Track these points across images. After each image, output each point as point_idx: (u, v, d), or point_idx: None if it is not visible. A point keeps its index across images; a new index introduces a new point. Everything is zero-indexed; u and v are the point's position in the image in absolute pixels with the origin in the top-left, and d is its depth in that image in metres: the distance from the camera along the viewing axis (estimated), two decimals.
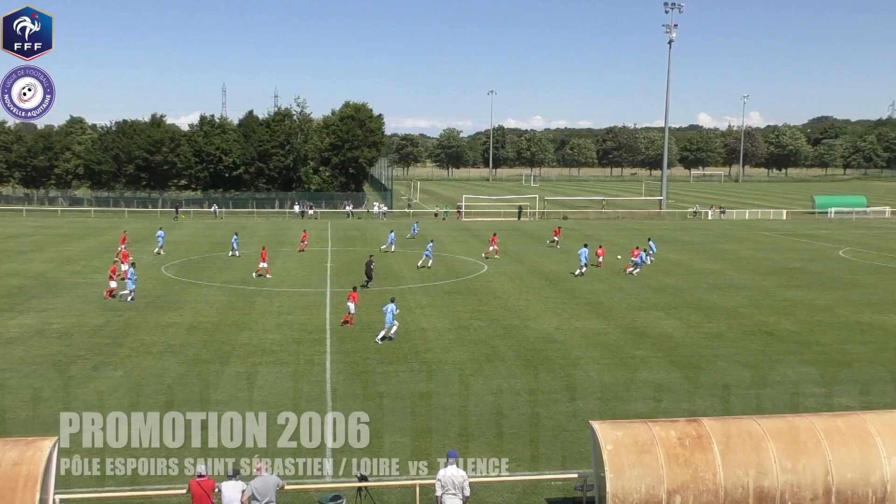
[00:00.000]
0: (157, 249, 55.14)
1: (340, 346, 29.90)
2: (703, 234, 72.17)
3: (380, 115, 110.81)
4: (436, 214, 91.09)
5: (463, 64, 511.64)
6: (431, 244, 52.77)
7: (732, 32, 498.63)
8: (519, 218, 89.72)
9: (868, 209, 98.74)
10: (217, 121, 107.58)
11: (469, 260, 53.13)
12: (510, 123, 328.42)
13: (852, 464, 15.21)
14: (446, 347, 29.85)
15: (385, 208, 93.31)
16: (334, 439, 20.43)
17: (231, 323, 33.54)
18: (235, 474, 14.89)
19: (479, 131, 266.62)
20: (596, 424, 15.96)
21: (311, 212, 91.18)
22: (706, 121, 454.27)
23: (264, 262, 45.64)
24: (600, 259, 50.75)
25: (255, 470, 15.00)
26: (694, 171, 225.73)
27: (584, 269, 47.40)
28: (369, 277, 43.06)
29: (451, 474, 15.21)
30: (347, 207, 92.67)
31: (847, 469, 15.16)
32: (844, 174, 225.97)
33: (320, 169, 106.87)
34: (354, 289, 35.22)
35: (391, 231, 61.48)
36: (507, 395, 24.19)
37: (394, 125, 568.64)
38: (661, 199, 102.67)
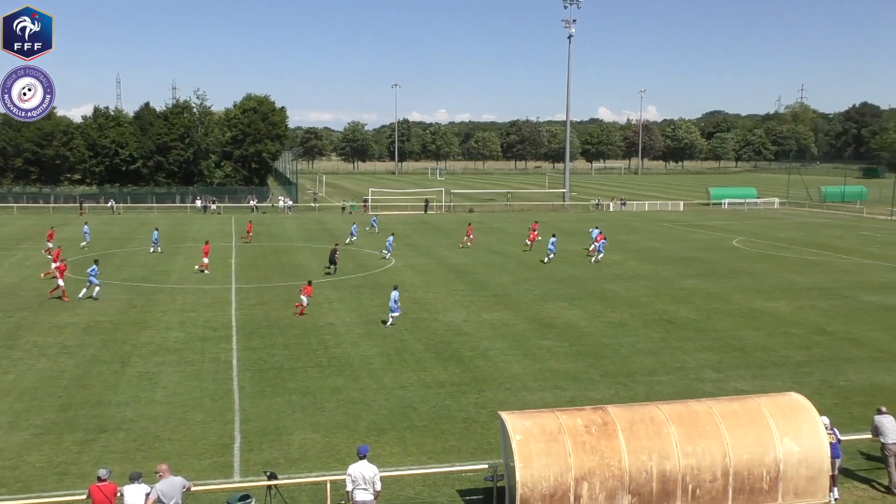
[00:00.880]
0: (83, 244, 55.03)
1: (247, 343, 29.39)
2: (605, 225, 73.80)
3: (283, 107, 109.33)
4: (343, 209, 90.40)
5: (366, 56, 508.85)
6: (391, 238, 53.31)
7: (629, 28, 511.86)
8: (426, 211, 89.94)
9: (758, 200, 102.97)
10: (112, 113, 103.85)
11: (377, 254, 52.95)
12: (415, 117, 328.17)
13: (748, 445, 15.87)
14: (355, 342, 29.71)
15: (290, 202, 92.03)
16: (242, 438, 20.16)
17: (131, 322, 32.52)
18: (138, 477, 14.44)
19: (384, 124, 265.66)
20: (505, 415, 16.17)
21: (213, 207, 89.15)
22: (606, 115, 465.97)
23: (206, 256, 45.42)
24: (530, 242, 55.35)
25: (159, 472, 14.57)
26: (595, 164, 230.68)
27: (551, 256, 50.60)
28: (333, 264, 45.12)
29: (362, 469, 15.16)
30: (252, 202, 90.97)
31: (743, 451, 15.81)
32: (736, 167, 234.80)
33: (222, 163, 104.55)
34: (309, 283, 35.34)
35: (353, 224, 63.22)
36: (416, 388, 24.26)
37: (297, 118, 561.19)
38: (564, 192, 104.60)
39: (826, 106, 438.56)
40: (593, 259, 50.91)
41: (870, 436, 18.06)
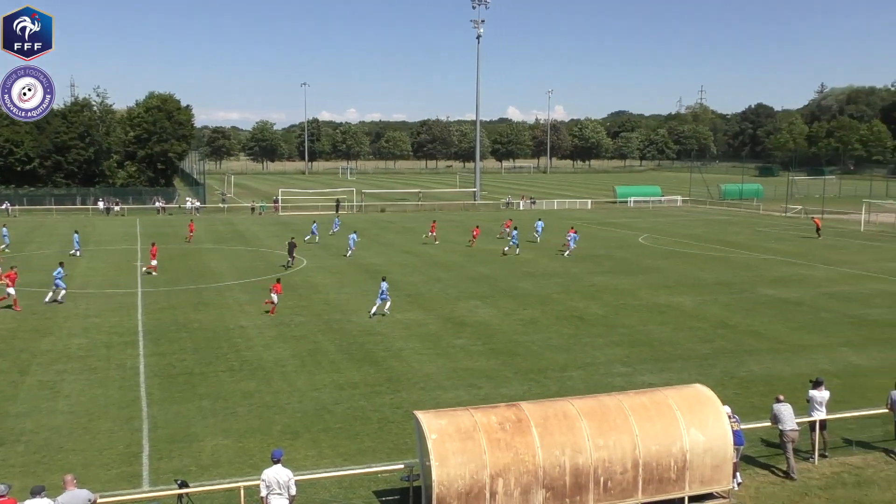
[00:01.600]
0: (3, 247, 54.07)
1: (155, 348, 28.61)
2: (516, 223, 74.75)
3: (188, 106, 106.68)
4: (252, 209, 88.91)
5: (274, 54, 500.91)
6: (355, 234, 54.32)
7: (537, 29, 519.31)
8: (337, 211, 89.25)
9: (662, 198, 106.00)
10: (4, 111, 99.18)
11: (282, 255, 52.22)
12: (325, 116, 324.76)
13: (656, 437, 16.33)
14: (267, 344, 29.29)
15: (198, 203, 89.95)
16: (151, 446, 19.63)
17: (31, 329, 31.25)
18: (41, 491, 13.88)
19: (294, 124, 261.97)
20: (420, 414, 16.20)
21: (117, 208, 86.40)
22: (515, 114, 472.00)
23: (154, 258, 45.07)
24: (474, 239, 58.05)
25: (63, 484, 14.05)
26: (505, 163, 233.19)
27: (517, 248, 53.78)
28: (291, 257, 47.90)
29: (276, 473, 14.98)
30: (158, 203, 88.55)
31: (652, 442, 16.26)
32: (641, 165, 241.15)
33: (126, 163, 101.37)
34: (278, 280, 36.15)
35: (314, 222, 63.45)
36: (330, 390, 24.09)
37: (203, 117, 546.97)
38: (475, 191, 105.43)
39: (724, 107, 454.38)
40: (566, 253, 52.93)
41: (769, 423, 18.84)
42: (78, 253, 51.37)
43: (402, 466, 17.22)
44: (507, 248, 54.43)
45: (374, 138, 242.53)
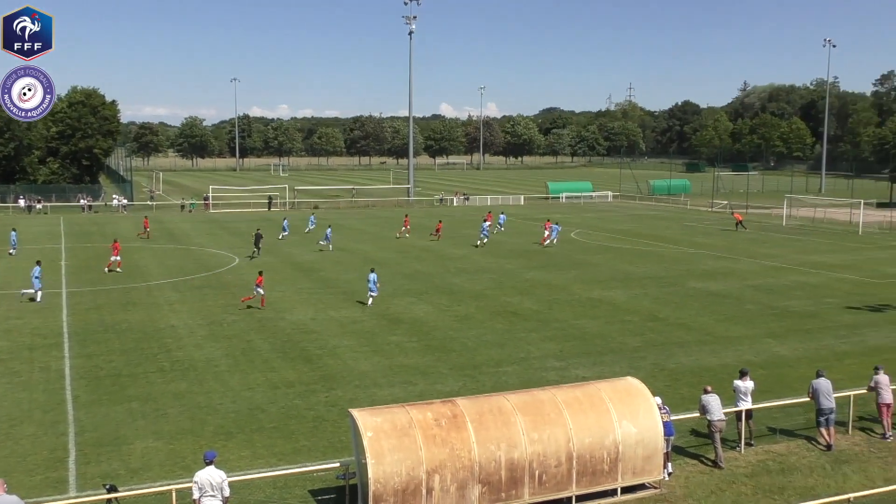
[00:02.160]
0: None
1: (81, 349, 27.85)
2: (450, 220, 75.01)
3: (114, 101, 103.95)
4: (182, 207, 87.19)
5: (203, 49, 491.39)
6: (329, 229, 55.45)
7: (469, 25, 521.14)
8: (269, 208, 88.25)
9: (593, 194, 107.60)
10: None
11: (220, 253, 51.49)
12: (256, 112, 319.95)
13: (590, 430, 16.59)
14: (199, 344, 28.79)
15: (125, 201, 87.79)
16: (77, 450, 19.12)
17: None
18: None
19: (224, 120, 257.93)
20: (355, 412, 16.14)
21: (39, 206, 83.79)
22: (448, 111, 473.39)
23: (116, 255, 44.42)
24: (437, 233, 59.67)
25: None
26: (438, 160, 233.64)
27: (484, 241, 56.27)
28: (257, 248, 49.75)
29: (209, 475, 14.74)
30: (83, 201, 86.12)
31: (585, 435, 16.51)
32: (572, 161, 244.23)
33: (48, 160, 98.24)
34: (260, 273, 36.26)
35: (284, 219, 64.13)
36: (264, 390, 23.82)
37: (129, 113, 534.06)
38: (408, 187, 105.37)
39: (652, 104, 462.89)
40: (546, 243, 56.01)
41: (698, 414, 19.31)
42: (13, 251, 49.81)
43: (337, 465, 17.12)
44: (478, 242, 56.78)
45: (307, 135, 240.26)
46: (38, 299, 35.67)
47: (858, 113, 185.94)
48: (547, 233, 57.64)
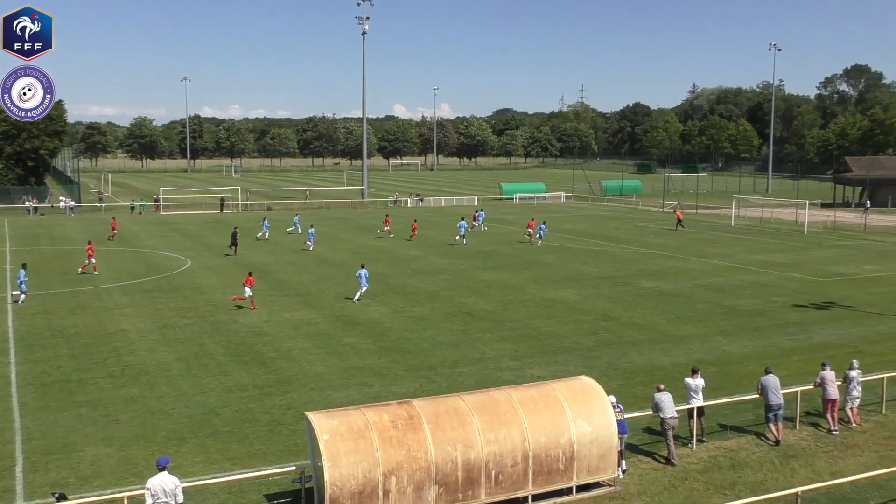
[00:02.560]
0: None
1: (28, 355, 27.24)
2: (404, 221, 74.94)
3: (60, 100, 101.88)
4: (132, 209, 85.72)
5: (152, 48, 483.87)
6: (312, 229, 55.99)
7: (422, 26, 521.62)
8: (221, 210, 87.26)
9: (547, 195, 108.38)
10: None
11: (171, 255, 50.75)
12: (207, 112, 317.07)
13: (545, 429, 16.72)
14: (150, 348, 28.35)
15: (73, 203, 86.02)
16: (25, 458, 18.70)
17: None
18: None
19: (174, 120, 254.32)
20: (311, 415, 16.05)
21: None
22: (401, 112, 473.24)
23: (92, 257, 43.74)
24: (413, 232, 61.36)
25: None
26: (392, 161, 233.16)
27: (463, 238, 58.02)
28: (234, 244, 51.36)
29: (162, 481, 14.55)
30: (28, 203, 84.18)
31: (541, 434, 16.63)
32: (525, 162, 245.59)
33: None
34: (250, 274, 36.34)
35: (265, 219, 64.04)
36: (218, 394, 23.55)
37: (76, 113, 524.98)
38: (362, 189, 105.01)
39: (604, 105, 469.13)
40: (539, 242, 57.53)
41: (651, 412, 19.59)
42: None
43: (293, 468, 17.00)
44: (457, 238, 58.64)
45: (259, 135, 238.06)
46: (21, 302, 35.39)
47: (803, 115, 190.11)
48: (532, 231, 59.96)
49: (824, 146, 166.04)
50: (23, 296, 35.55)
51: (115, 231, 60.75)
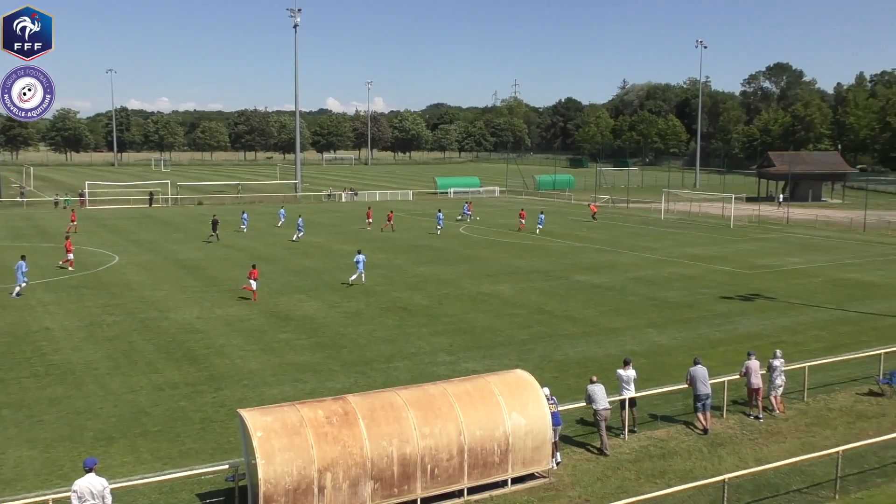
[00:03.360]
0: None
1: None
2: (338, 216, 74.55)
3: None
4: (56, 203, 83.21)
5: (75, 37, 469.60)
6: (301, 220, 57.84)
7: (354, 19, 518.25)
8: (150, 205, 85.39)
9: (481, 189, 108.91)
10: None
11: (98, 251, 49.44)
12: (134, 105, 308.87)
13: (480, 422, 16.82)
14: (76, 347, 27.60)
15: None
16: None
17: None
18: None
19: (100, 112, 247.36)
20: (244, 412, 15.85)
21: None
22: (335, 105, 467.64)
23: (70, 252, 43.47)
24: (390, 223, 62.26)
25: None
26: (326, 155, 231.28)
27: (439, 230, 60.59)
28: (215, 233, 54.78)
29: (90, 483, 14.18)
30: None
31: (476, 428, 16.73)
32: (460, 157, 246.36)
33: None
34: (254, 266, 36.86)
35: (243, 212, 64.92)
36: (148, 392, 23.07)
37: None
38: (296, 183, 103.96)
39: (537, 100, 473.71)
40: (537, 230, 60.69)
41: (584, 404, 19.88)
42: None
43: (226, 467, 16.76)
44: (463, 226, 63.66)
45: (189, 129, 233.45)
46: (14, 294, 35.63)
47: (728, 111, 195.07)
48: (523, 222, 63.65)
49: (749, 142, 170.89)
50: (17, 287, 35.80)
51: (74, 223, 59.90)
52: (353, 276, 39.39)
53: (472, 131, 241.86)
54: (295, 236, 56.42)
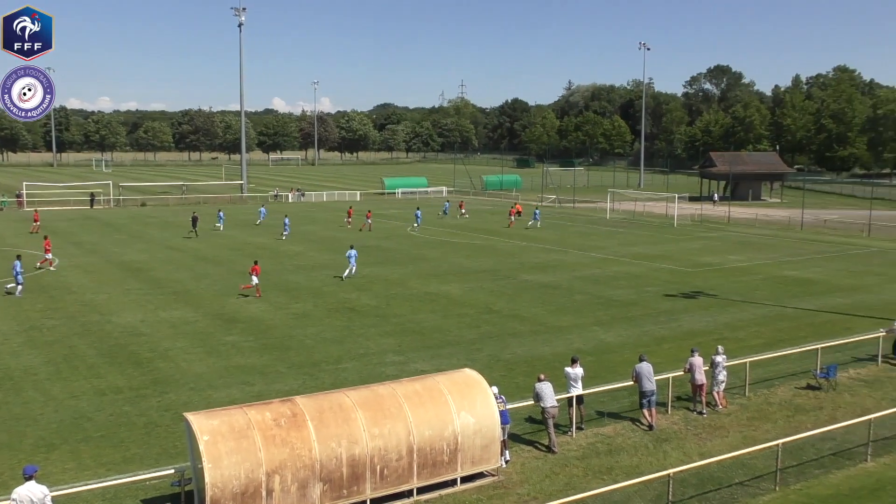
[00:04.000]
0: None
1: None
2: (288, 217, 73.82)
3: None
4: None
5: None
6: (287, 218, 60.06)
7: (300, 19, 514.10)
8: (92, 206, 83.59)
9: (429, 189, 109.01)
10: None
11: (38, 254, 48.20)
12: (74, 104, 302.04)
13: (430, 422, 16.87)
14: (15, 352, 26.90)
15: None
16: None
17: None
18: None
19: None
20: (190, 416, 15.65)
21: None
22: (280, 105, 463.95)
23: (49, 252, 43.86)
24: (368, 221, 63.56)
25: None
26: (272, 155, 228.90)
27: (416, 226, 63.77)
28: (194, 227, 58.30)
29: (30, 491, 13.87)
30: None
31: (425, 427, 16.77)
32: (407, 157, 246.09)
33: None
34: (255, 263, 38.02)
35: (220, 211, 66.58)
36: (90, 397, 22.61)
37: None
38: (242, 184, 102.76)
39: (483, 101, 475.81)
40: (537, 224, 65.00)
41: (532, 402, 20.05)
42: None
43: (172, 471, 16.52)
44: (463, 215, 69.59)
45: (131, 129, 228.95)
46: (17, 293, 35.87)
47: (671, 112, 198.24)
48: (513, 218, 67.63)
49: (691, 142, 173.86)
50: (19, 287, 36.06)
51: (37, 223, 59.90)
52: (346, 272, 40.88)
53: (419, 132, 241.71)
54: (283, 234, 58.13)
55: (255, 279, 36.56)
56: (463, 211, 77.15)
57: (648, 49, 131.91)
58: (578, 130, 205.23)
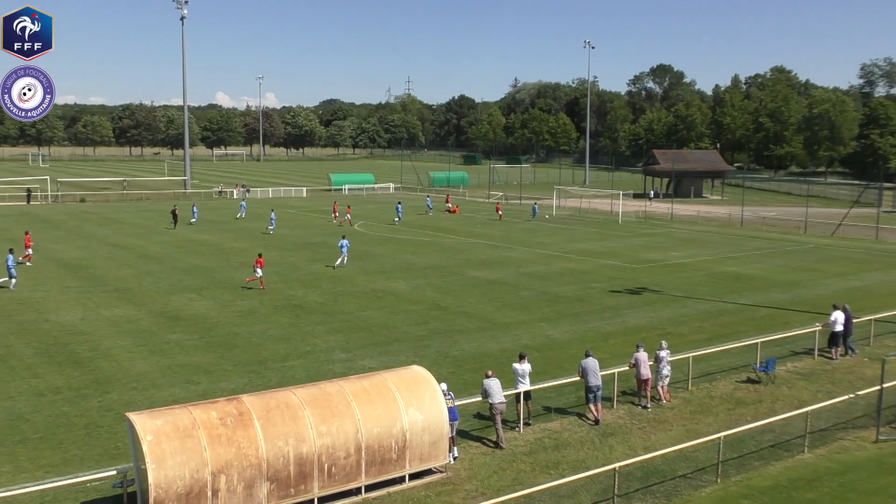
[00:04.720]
0: None
1: None
2: (230, 212, 72.92)
3: None
4: None
5: None
6: (273, 213, 61.12)
7: (244, 12, 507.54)
8: (28, 202, 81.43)
9: (376, 185, 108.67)
10: None
11: None
12: None
13: (378, 419, 16.81)
14: None
15: None
16: None
17: None
18: None
19: None
20: (133, 416, 15.34)
21: None
22: (224, 100, 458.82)
23: (29, 248, 43.65)
24: (347, 216, 65.65)
25: None
26: (217, 151, 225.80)
27: (397, 220, 65.14)
28: (175, 221, 59.88)
29: None
30: None
31: (374, 425, 16.70)
32: (354, 153, 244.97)
33: None
34: (260, 255, 38.88)
35: (193, 205, 66.93)
36: (27, 397, 22.03)
37: None
38: (185, 179, 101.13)
39: (430, 97, 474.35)
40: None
41: (480, 398, 20.13)
42: None
43: (114, 473, 16.18)
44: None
45: (70, 123, 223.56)
46: (13, 287, 35.99)
47: (615, 110, 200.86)
48: (501, 213, 72.21)
49: (635, 140, 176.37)
50: (13, 280, 36.20)
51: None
52: (338, 261, 42.87)
53: (365, 128, 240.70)
54: (270, 228, 59.44)
55: (259, 271, 37.19)
56: (449, 205, 79.30)
57: (593, 48, 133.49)
58: (525, 128, 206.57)
